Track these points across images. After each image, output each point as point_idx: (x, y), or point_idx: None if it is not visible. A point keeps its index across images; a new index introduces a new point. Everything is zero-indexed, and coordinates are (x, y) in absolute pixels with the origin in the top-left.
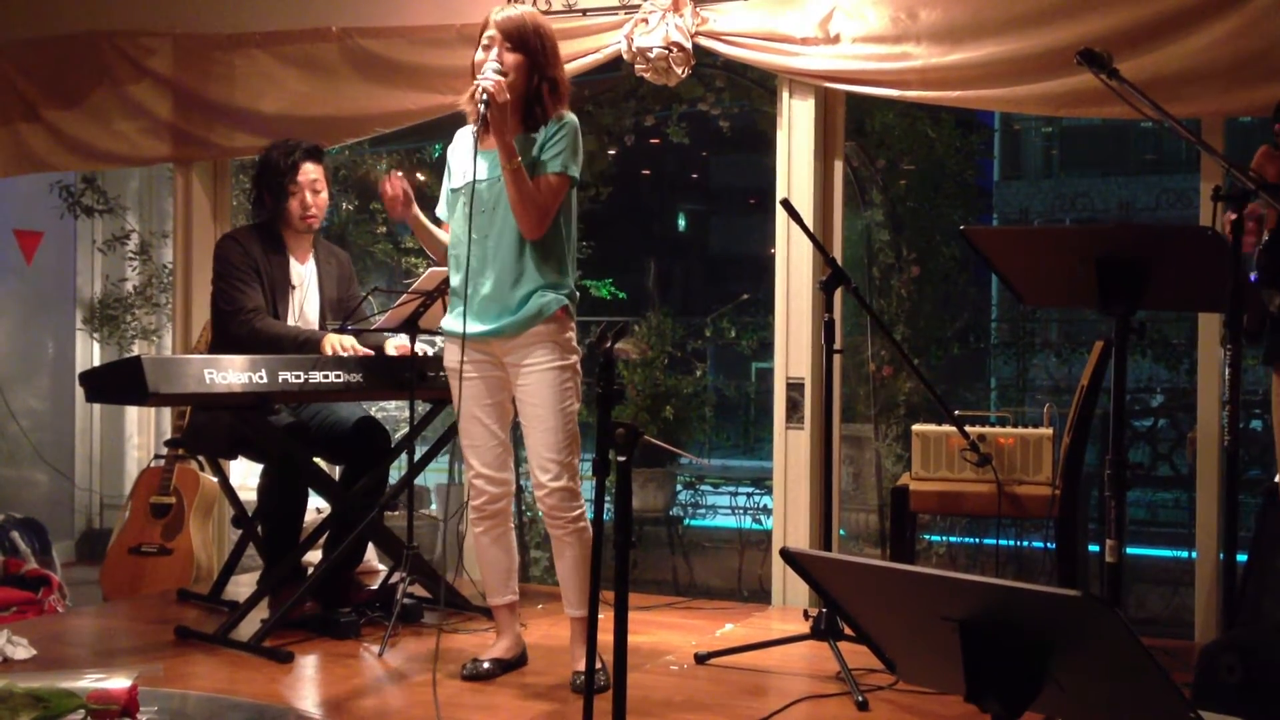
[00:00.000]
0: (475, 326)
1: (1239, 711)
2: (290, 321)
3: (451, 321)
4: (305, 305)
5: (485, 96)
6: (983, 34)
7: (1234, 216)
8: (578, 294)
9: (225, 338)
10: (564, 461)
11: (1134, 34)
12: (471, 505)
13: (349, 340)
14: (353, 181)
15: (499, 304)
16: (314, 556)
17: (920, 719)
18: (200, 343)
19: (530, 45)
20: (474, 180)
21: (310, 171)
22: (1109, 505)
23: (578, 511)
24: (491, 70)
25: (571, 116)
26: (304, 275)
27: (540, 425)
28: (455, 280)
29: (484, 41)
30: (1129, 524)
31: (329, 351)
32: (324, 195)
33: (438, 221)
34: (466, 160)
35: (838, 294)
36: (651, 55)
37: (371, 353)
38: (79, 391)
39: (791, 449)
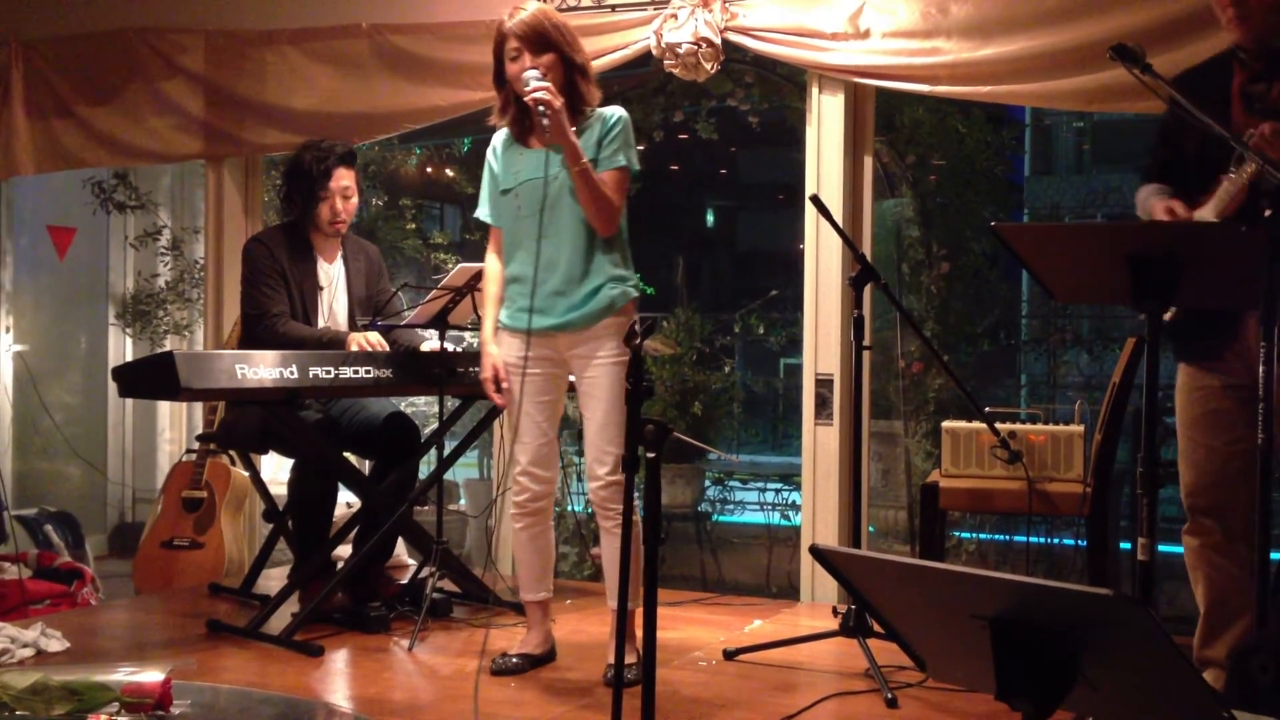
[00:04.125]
0: (540, 321)
1: (1273, 712)
2: (320, 321)
3: (514, 317)
4: (334, 304)
5: (544, 108)
6: (1014, 28)
7: (1269, 212)
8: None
9: (251, 340)
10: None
11: (1167, 28)
12: (514, 501)
13: (374, 336)
14: (382, 177)
15: (566, 299)
16: (344, 551)
17: (950, 717)
18: (231, 338)
19: (553, 40)
20: (527, 179)
21: (342, 177)
22: (1141, 503)
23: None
24: (534, 78)
25: (623, 111)
26: (332, 275)
27: (603, 418)
28: (511, 275)
29: (510, 54)
30: (1161, 521)
31: (354, 349)
32: (354, 200)
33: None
34: (513, 161)
35: (867, 290)
36: (680, 51)
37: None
38: (111, 386)
39: (820, 445)
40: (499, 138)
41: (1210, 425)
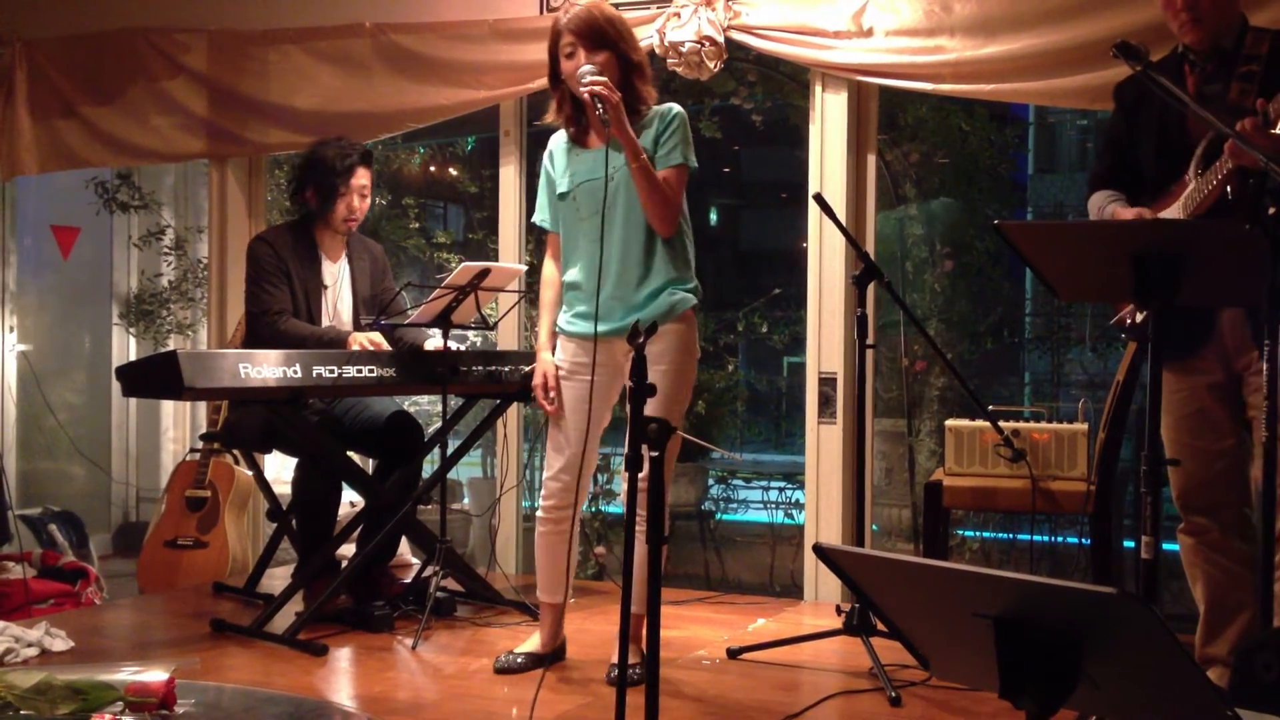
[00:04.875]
0: (599, 326)
1: (1278, 710)
2: (325, 321)
3: (571, 322)
4: (339, 304)
5: (601, 103)
6: (1017, 26)
7: (1273, 210)
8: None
9: (254, 339)
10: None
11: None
12: (542, 506)
13: (375, 336)
14: (385, 176)
15: (624, 302)
16: (348, 550)
17: (953, 715)
18: (235, 338)
19: (610, 37)
20: (584, 181)
21: (362, 176)
22: (1144, 501)
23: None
24: (590, 73)
25: (679, 108)
26: (337, 274)
27: None
28: (570, 280)
29: (565, 50)
30: (1164, 519)
31: (355, 348)
32: (368, 200)
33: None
34: (570, 163)
35: (870, 288)
36: (684, 49)
37: (390, 348)
38: (115, 386)
39: (824, 444)
40: (555, 142)
41: (1196, 425)
